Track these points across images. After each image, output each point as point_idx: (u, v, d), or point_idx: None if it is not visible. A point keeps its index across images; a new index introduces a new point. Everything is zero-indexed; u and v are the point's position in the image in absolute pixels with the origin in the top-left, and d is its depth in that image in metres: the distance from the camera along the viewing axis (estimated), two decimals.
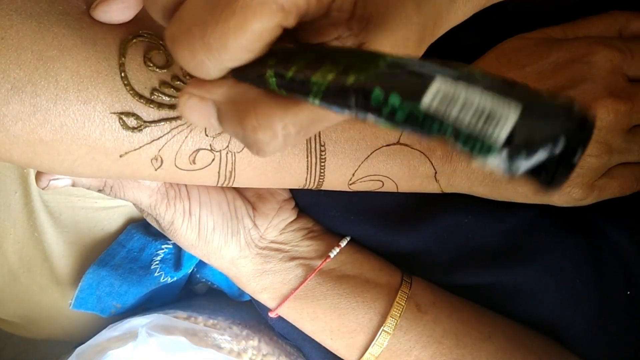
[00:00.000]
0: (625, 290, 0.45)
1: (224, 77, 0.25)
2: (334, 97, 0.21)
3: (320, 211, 0.50)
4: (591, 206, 0.43)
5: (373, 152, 0.41)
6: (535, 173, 0.17)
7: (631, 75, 0.41)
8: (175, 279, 0.57)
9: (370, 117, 0.20)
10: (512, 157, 0.17)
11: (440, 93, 0.18)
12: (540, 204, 0.44)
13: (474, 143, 0.18)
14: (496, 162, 0.18)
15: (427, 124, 0.19)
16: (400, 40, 0.25)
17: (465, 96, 0.18)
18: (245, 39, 0.23)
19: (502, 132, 0.17)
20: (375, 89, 0.20)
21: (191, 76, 0.31)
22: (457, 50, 0.41)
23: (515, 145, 0.17)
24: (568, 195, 0.41)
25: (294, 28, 0.24)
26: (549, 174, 0.17)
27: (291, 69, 0.22)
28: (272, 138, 0.24)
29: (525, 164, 0.17)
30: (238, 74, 0.25)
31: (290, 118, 0.24)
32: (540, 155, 0.17)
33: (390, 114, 0.20)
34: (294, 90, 0.23)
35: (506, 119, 0.17)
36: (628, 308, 0.45)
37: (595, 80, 0.39)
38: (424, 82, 0.19)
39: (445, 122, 0.18)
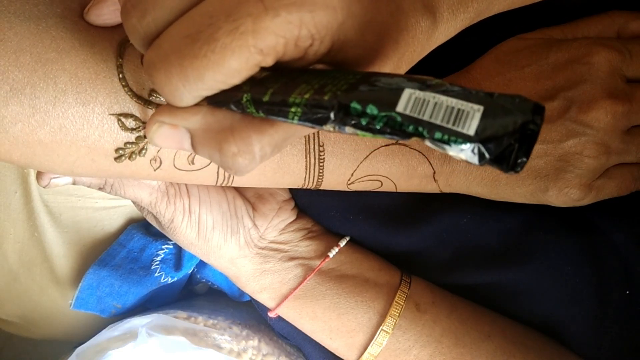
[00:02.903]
0: (624, 289, 0.45)
1: (197, 104, 0.26)
2: (313, 114, 0.22)
3: (319, 211, 0.50)
4: (590, 206, 0.43)
5: (372, 152, 0.42)
6: (499, 159, 0.20)
7: (630, 76, 0.41)
8: (175, 279, 0.57)
9: (349, 129, 0.22)
10: (481, 147, 0.20)
11: (412, 99, 0.21)
12: (538, 204, 0.44)
13: (448, 138, 0.20)
14: (467, 152, 0.20)
15: (404, 127, 0.21)
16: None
17: (434, 100, 0.21)
18: (223, 74, 0.23)
19: (471, 127, 0.20)
20: (353, 103, 0.22)
21: None
22: (456, 50, 0.41)
23: (483, 137, 0.20)
24: (566, 195, 0.41)
25: None
26: (511, 159, 0.20)
27: (267, 92, 0.23)
28: (251, 161, 0.25)
29: (492, 151, 0.20)
30: (212, 100, 0.25)
31: (267, 139, 0.25)
32: (503, 142, 0.20)
33: (369, 123, 0.21)
34: (272, 113, 0.23)
35: (472, 116, 0.20)
36: (628, 307, 0.45)
37: (594, 81, 0.40)
38: (396, 92, 0.21)
39: (421, 123, 0.21)
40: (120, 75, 0.34)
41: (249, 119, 0.25)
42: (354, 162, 0.42)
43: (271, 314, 0.48)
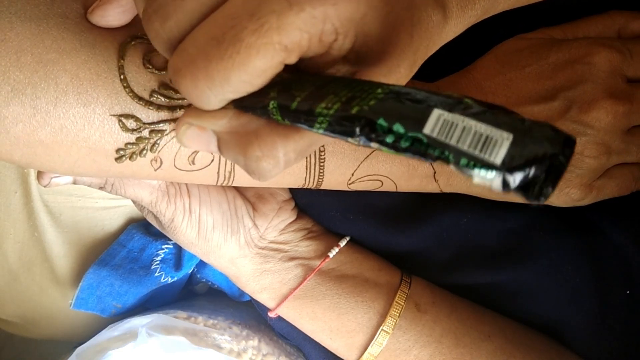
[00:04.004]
0: (625, 289, 0.45)
1: (224, 108, 0.26)
2: (339, 127, 0.22)
3: (320, 211, 0.50)
4: (590, 206, 0.43)
5: (372, 151, 0.42)
6: (524, 189, 0.19)
7: (630, 76, 0.41)
8: (175, 279, 0.57)
9: (374, 145, 0.22)
10: (507, 176, 0.19)
11: (440, 121, 0.20)
12: None
13: (474, 165, 0.20)
14: (493, 180, 0.20)
15: (430, 150, 0.20)
16: (393, 68, 0.26)
17: (463, 124, 0.20)
18: (248, 74, 0.23)
19: (498, 155, 0.19)
20: (380, 119, 0.21)
21: None
22: (457, 51, 0.41)
23: (510, 166, 0.19)
24: (567, 195, 0.41)
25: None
26: (535, 189, 0.19)
27: (295, 100, 0.23)
28: (275, 166, 0.25)
29: (518, 180, 0.19)
30: (239, 104, 0.25)
31: (292, 145, 0.25)
32: (530, 173, 0.19)
33: (395, 142, 0.21)
34: (298, 121, 0.23)
35: (501, 144, 0.19)
36: (628, 307, 0.45)
37: (594, 81, 0.40)
38: (424, 112, 0.21)
39: (448, 147, 0.20)
40: (122, 76, 0.34)
41: (273, 125, 0.25)
42: (354, 162, 0.42)
43: (271, 314, 0.48)
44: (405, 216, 0.48)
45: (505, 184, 0.19)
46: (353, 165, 0.42)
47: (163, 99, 0.35)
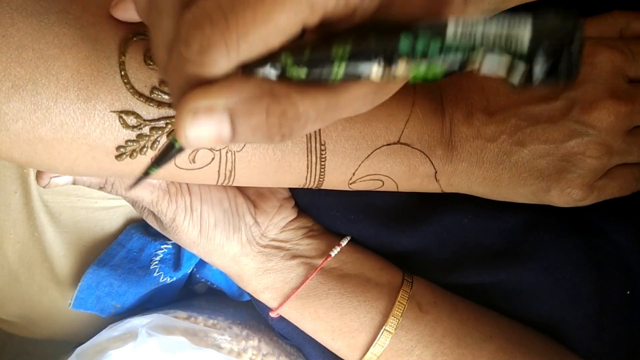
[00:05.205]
0: (625, 289, 0.45)
1: (230, 77, 0.24)
2: (358, 60, 0.22)
3: (321, 210, 0.50)
4: (591, 206, 0.43)
5: (373, 151, 0.41)
6: (552, 74, 0.21)
7: (632, 76, 0.41)
8: (174, 279, 0.57)
9: (401, 66, 0.21)
10: (536, 62, 0.20)
11: (459, 26, 0.21)
12: (539, 204, 0.44)
13: (501, 58, 0.21)
14: (522, 71, 0.21)
15: (459, 50, 0.21)
16: None
17: (482, 27, 0.21)
18: (269, 30, 0.22)
19: (523, 43, 0.20)
20: (402, 35, 0.21)
21: None
22: None
23: (536, 52, 0.20)
24: (568, 195, 0.41)
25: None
26: (564, 70, 0.21)
27: (306, 50, 0.23)
28: (298, 120, 0.24)
29: (546, 66, 0.21)
30: (248, 69, 0.24)
31: (310, 101, 0.24)
32: (556, 56, 0.20)
33: (424, 50, 0.21)
34: (315, 66, 0.23)
35: (523, 35, 0.20)
36: (628, 308, 0.45)
37: (596, 81, 0.40)
38: (442, 26, 0.21)
39: (475, 43, 0.21)
40: (123, 73, 0.34)
41: (287, 83, 0.24)
42: (355, 162, 0.42)
43: (273, 314, 0.48)
44: (406, 216, 0.48)
45: (536, 72, 0.21)
46: (354, 165, 0.42)
47: (164, 96, 0.35)
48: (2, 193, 0.52)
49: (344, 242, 0.48)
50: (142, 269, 0.56)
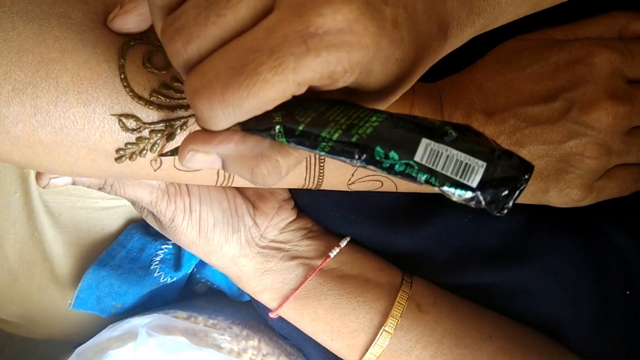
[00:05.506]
0: (625, 289, 0.45)
1: (229, 130, 0.29)
2: (340, 151, 0.26)
3: (320, 211, 0.50)
4: (590, 206, 0.43)
5: None
6: (490, 205, 0.25)
7: (631, 77, 0.41)
8: (174, 279, 0.57)
9: (371, 167, 0.26)
10: (480, 195, 0.24)
11: (428, 150, 0.25)
12: (539, 204, 0.44)
13: (455, 188, 0.24)
14: (467, 199, 0.25)
15: (420, 174, 0.25)
16: (390, 97, 0.30)
17: (447, 153, 0.24)
18: (260, 102, 0.25)
19: (474, 180, 0.24)
20: (377, 147, 0.25)
21: None
22: (457, 51, 0.41)
23: (483, 188, 0.24)
24: (567, 196, 0.41)
25: None
26: (500, 204, 0.25)
27: (299, 125, 0.26)
28: (279, 178, 0.29)
29: (488, 198, 0.24)
30: (245, 126, 0.28)
31: (292, 160, 0.29)
32: (497, 193, 0.24)
33: (391, 166, 0.25)
34: (303, 144, 0.27)
35: (476, 172, 0.24)
36: (628, 308, 0.45)
37: (595, 82, 0.39)
38: (414, 141, 0.25)
39: (435, 173, 0.25)
40: (122, 76, 0.34)
41: (276, 145, 0.28)
42: None
43: (272, 315, 0.48)
44: (405, 216, 0.48)
45: (478, 202, 0.24)
46: (353, 166, 0.42)
47: (163, 99, 0.35)
48: (2, 193, 0.52)
49: (343, 243, 0.48)
50: (143, 269, 0.56)
